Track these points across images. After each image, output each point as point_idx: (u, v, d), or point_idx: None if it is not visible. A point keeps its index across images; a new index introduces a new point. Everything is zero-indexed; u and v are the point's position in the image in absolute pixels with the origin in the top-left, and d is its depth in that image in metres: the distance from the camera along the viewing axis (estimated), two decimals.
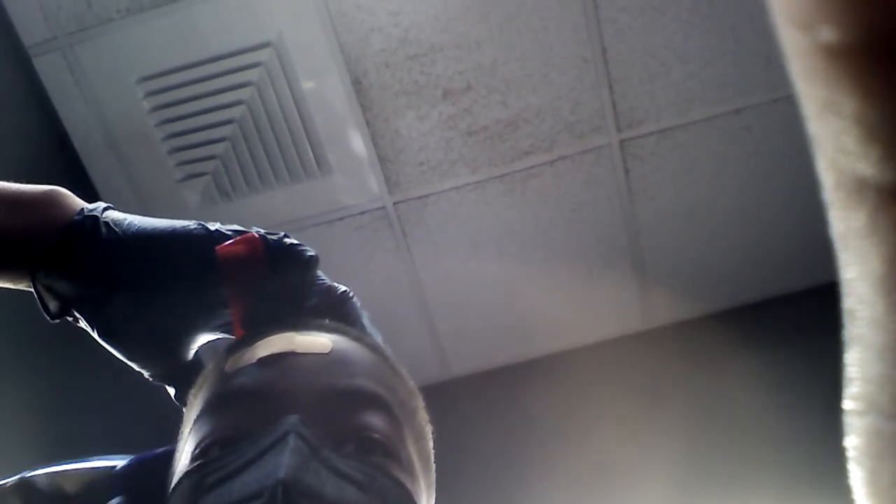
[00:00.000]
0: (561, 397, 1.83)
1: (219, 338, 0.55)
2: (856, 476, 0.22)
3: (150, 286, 0.52)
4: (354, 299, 0.58)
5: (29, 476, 0.56)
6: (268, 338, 0.50)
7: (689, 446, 1.67)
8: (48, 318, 0.54)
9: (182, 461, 0.48)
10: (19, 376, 1.46)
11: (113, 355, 0.55)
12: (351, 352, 0.51)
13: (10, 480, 0.55)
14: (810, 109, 0.18)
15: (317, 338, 0.50)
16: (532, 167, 1.73)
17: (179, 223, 0.54)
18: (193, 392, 0.52)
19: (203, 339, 0.55)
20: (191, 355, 0.56)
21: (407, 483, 0.47)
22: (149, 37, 1.60)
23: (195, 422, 0.48)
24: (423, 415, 0.55)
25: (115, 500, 0.53)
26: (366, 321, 0.57)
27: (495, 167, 1.73)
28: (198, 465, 0.45)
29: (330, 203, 1.77)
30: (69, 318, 0.54)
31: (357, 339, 0.53)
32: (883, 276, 0.19)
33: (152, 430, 1.09)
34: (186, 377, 0.55)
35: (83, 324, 0.54)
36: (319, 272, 0.56)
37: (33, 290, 0.53)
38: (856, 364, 0.21)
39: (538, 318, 1.89)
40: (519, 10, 1.58)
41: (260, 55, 1.62)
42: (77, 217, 0.53)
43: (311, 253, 0.54)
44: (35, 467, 0.57)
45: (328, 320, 0.54)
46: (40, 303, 0.53)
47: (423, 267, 1.84)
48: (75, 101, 1.66)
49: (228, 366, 0.50)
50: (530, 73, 1.63)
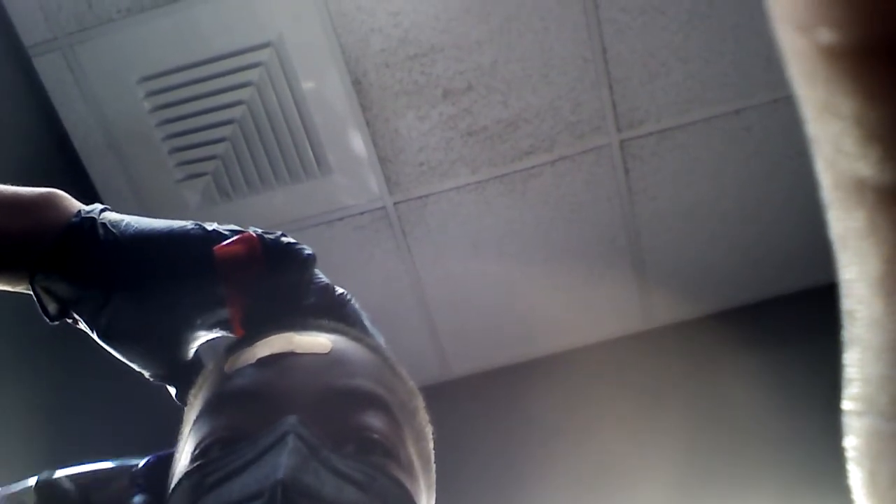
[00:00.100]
0: (561, 397, 1.83)
1: (218, 336, 0.55)
2: (855, 476, 0.22)
3: (149, 287, 0.52)
4: (353, 301, 0.58)
5: (50, 477, 0.56)
6: (267, 338, 0.50)
7: (689, 446, 1.67)
8: (47, 321, 0.54)
9: (182, 461, 0.48)
10: (19, 376, 1.46)
11: (113, 356, 0.55)
12: (350, 352, 0.51)
13: (30, 480, 0.56)
14: (809, 110, 0.18)
15: (316, 338, 0.50)
16: (532, 167, 1.73)
17: (177, 223, 0.54)
18: (193, 392, 0.52)
19: (202, 339, 0.55)
20: (190, 355, 0.56)
21: (407, 483, 0.47)
22: (149, 37, 1.60)
23: (195, 422, 0.48)
24: (424, 415, 0.55)
25: (137, 500, 0.53)
26: (366, 322, 0.57)
27: (495, 167, 1.73)
28: (197, 466, 0.45)
29: (330, 203, 1.77)
30: (68, 320, 0.55)
31: (357, 340, 0.53)
32: (882, 277, 0.19)
33: (152, 430, 1.09)
34: (187, 377, 0.55)
35: (82, 325, 0.54)
36: (317, 271, 0.56)
37: (32, 293, 0.53)
38: (855, 365, 0.21)
39: (538, 318, 1.89)
40: (519, 11, 1.58)
41: (260, 55, 1.62)
42: (74, 219, 0.53)
43: (309, 251, 0.54)
44: (55, 467, 0.57)
45: (328, 320, 0.54)
46: (39, 305, 0.53)
47: (423, 267, 1.84)
48: (75, 101, 1.66)
49: (228, 366, 0.50)
50: (530, 74, 1.63)
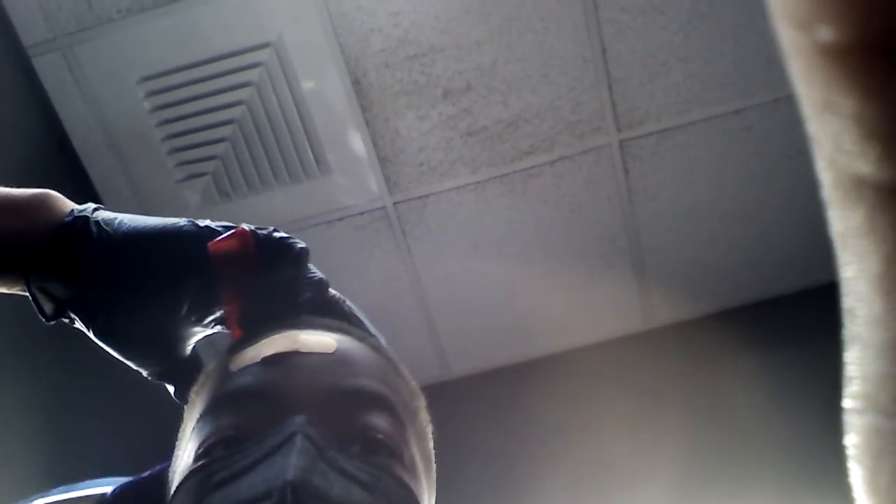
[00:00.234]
0: (561, 397, 1.83)
1: (215, 333, 0.55)
2: (855, 474, 0.22)
3: (143, 284, 0.52)
4: (347, 302, 0.58)
5: None
6: (272, 336, 0.50)
7: (689, 446, 1.67)
8: (44, 321, 0.54)
9: (185, 460, 0.47)
10: (19, 376, 1.46)
11: (112, 355, 0.55)
12: (355, 351, 0.51)
13: None
14: (809, 109, 0.18)
15: (321, 337, 0.50)
16: (532, 167, 1.73)
17: (170, 221, 0.54)
18: (195, 390, 0.52)
19: (199, 336, 0.55)
20: (188, 352, 0.56)
21: (410, 483, 0.47)
22: (149, 37, 1.60)
23: (198, 420, 0.48)
24: (425, 415, 0.55)
25: None
26: (366, 322, 0.57)
27: (495, 167, 1.73)
28: (202, 464, 0.45)
29: (330, 203, 1.77)
30: (65, 320, 0.54)
31: (360, 339, 0.53)
32: (881, 275, 0.19)
33: (152, 430, 1.09)
34: (185, 374, 0.55)
35: (79, 325, 0.54)
36: (311, 265, 0.56)
37: (28, 294, 0.53)
38: (855, 363, 0.21)
39: (538, 318, 1.89)
40: (519, 11, 1.58)
41: (260, 55, 1.62)
42: (67, 218, 0.53)
43: (302, 245, 0.54)
44: (31, 496, 0.57)
45: (331, 319, 0.54)
46: (36, 306, 0.53)
47: (423, 267, 1.84)
48: (75, 101, 1.66)
49: (232, 364, 0.50)
50: (530, 74, 1.63)
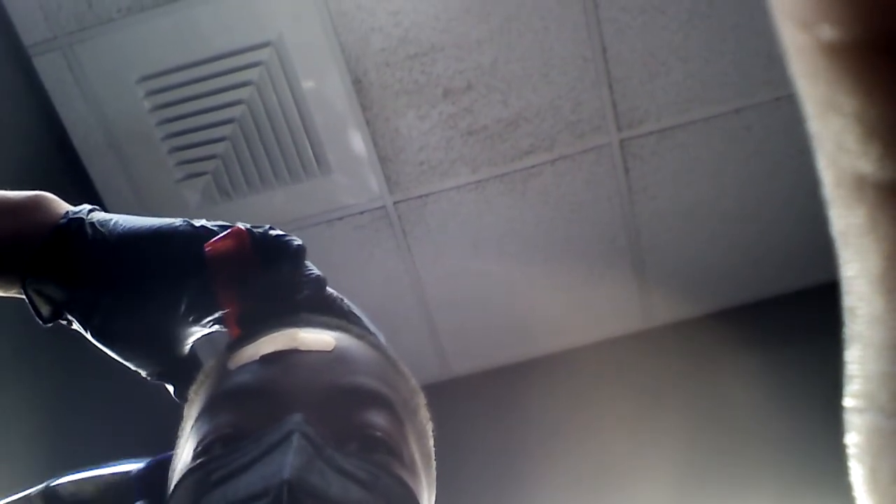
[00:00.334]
0: (561, 397, 1.83)
1: (212, 331, 0.55)
2: (856, 473, 0.22)
3: (139, 285, 0.52)
4: (345, 301, 0.58)
5: (53, 484, 0.56)
6: (271, 334, 0.50)
7: (689, 446, 1.67)
8: (41, 324, 0.54)
9: (183, 458, 0.48)
10: (19, 376, 1.46)
11: (110, 356, 0.55)
12: (354, 349, 0.51)
13: (36, 489, 0.56)
14: (811, 108, 0.18)
15: (320, 335, 0.50)
16: (532, 166, 1.73)
17: (165, 221, 0.54)
18: (194, 389, 0.52)
19: (197, 335, 0.55)
20: (186, 351, 0.56)
21: (409, 482, 0.47)
22: (149, 36, 1.60)
23: (197, 419, 0.48)
24: (425, 413, 0.55)
25: None
26: (365, 320, 0.57)
27: (496, 167, 1.73)
28: (201, 463, 0.45)
29: (330, 203, 1.77)
30: (62, 322, 0.55)
31: (359, 337, 0.53)
32: (882, 274, 0.19)
33: (152, 430, 1.09)
34: (184, 373, 0.55)
35: (76, 326, 0.54)
36: (308, 263, 0.56)
37: (25, 297, 0.53)
38: (856, 361, 0.21)
39: (538, 318, 1.89)
40: (519, 10, 1.58)
41: (260, 55, 1.62)
42: (62, 220, 0.53)
43: (298, 242, 0.54)
44: (59, 474, 0.58)
45: (329, 317, 0.54)
46: (32, 308, 0.53)
47: (423, 267, 1.84)
48: (75, 101, 1.66)
49: (231, 363, 0.50)
50: (530, 73, 1.63)
